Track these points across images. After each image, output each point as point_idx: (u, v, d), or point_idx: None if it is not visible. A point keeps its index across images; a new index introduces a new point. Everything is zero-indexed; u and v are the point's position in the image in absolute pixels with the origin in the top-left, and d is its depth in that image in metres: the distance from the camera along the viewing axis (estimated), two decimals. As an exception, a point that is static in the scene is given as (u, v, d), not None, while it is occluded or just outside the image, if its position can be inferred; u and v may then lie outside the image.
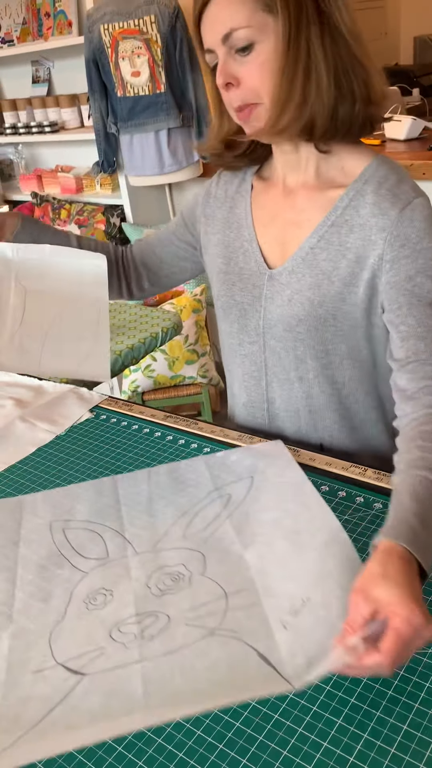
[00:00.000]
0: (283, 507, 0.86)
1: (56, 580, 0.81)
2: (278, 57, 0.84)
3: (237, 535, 0.83)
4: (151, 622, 0.72)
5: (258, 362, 1.06)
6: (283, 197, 0.99)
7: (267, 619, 0.70)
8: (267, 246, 1.01)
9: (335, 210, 0.93)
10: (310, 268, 0.95)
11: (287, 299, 0.97)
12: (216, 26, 0.84)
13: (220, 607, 0.73)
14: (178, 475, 0.97)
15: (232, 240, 1.04)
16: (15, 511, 0.95)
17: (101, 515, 0.91)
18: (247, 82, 0.86)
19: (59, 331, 1.04)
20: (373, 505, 0.88)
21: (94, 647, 0.71)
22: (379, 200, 0.90)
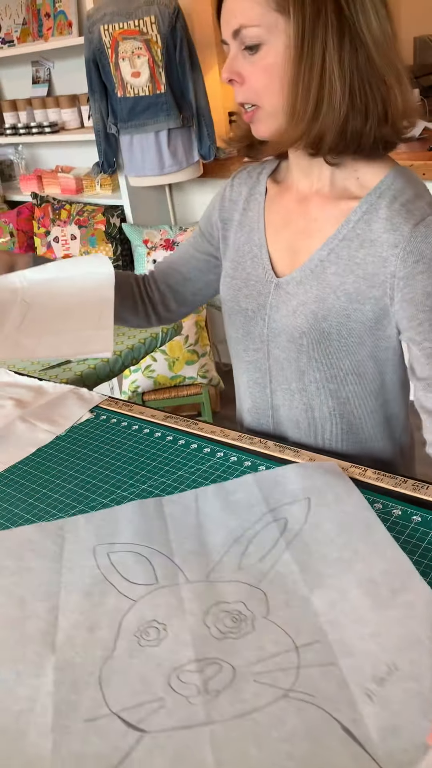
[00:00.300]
0: (351, 545, 0.78)
1: (102, 609, 0.75)
2: (287, 63, 0.81)
3: (300, 572, 0.76)
4: (215, 672, 0.65)
5: (262, 369, 1.04)
6: (297, 203, 0.97)
7: (346, 683, 0.62)
8: (277, 253, 0.98)
9: (347, 223, 0.90)
10: (318, 280, 0.92)
11: (292, 310, 0.95)
12: (229, 19, 0.82)
13: (291, 662, 0.66)
14: (227, 494, 0.91)
15: (242, 243, 1.02)
16: (56, 535, 0.90)
17: (148, 537, 0.85)
18: (250, 82, 0.84)
19: (58, 327, 1.00)
20: (373, 505, 0.88)
21: (153, 697, 0.64)
22: (392, 215, 0.86)
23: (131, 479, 1.02)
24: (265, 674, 0.65)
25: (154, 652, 0.68)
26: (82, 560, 0.84)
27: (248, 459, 1.02)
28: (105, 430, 1.16)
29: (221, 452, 1.05)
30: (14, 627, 0.75)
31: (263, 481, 0.92)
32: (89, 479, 1.03)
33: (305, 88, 0.80)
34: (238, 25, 0.81)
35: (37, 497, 1.00)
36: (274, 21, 0.79)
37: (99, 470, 1.05)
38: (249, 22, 0.80)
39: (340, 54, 0.79)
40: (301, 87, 0.80)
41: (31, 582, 0.81)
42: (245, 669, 0.65)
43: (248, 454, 1.03)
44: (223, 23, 0.84)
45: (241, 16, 0.80)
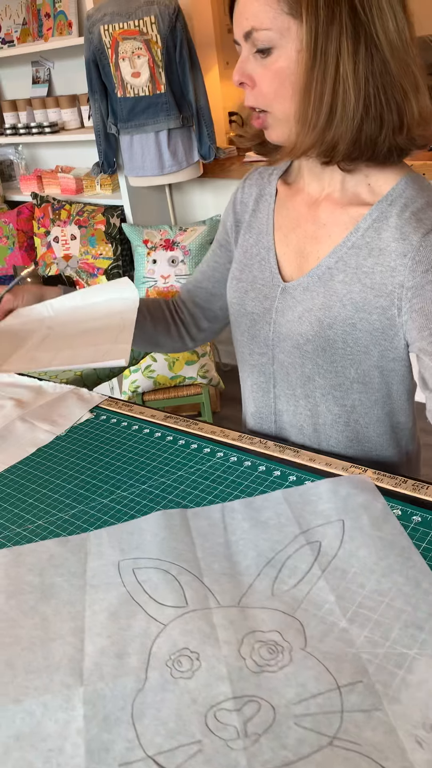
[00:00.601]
0: (390, 576, 0.75)
1: (130, 633, 0.72)
2: (298, 68, 0.78)
3: (337, 602, 0.73)
4: (254, 712, 0.62)
5: (267, 374, 1.03)
6: (307, 207, 0.95)
7: (394, 729, 0.59)
8: (285, 256, 0.97)
9: (356, 230, 0.89)
10: (325, 287, 0.91)
11: (297, 316, 0.93)
12: (241, 20, 0.80)
13: (334, 704, 0.62)
14: (256, 512, 0.88)
15: (251, 246, 1.01)
16: (79, 551, 0.86)
17: (174, 553, 0.82)
18: (260, 86, 0.82)
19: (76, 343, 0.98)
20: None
21: (190, 739, 0.60)
22: (403, 224, 0.85)
23: (131, 479, 1.02)
24: (307, 717, 0.61)
25: (188, 686, 0.65)
26: (106, 577, 0.81)
27: (248, 459, 1.02)
28: (105, 430, 1.16)
29: (221, 452, 1.05)
30: (38, 650, 0.72)
31: (293, 499, 0.90)
32: (89, 479, 1.03)
33: (318, 96, 0.78)
34: (249, 27, 0.78)
35: (37, 497, 1.00)
36: (286, 25, 0.76)
37: (99, 470, 1.05)
38: (260, 25, 0.77)
39: (354, 60, 0.76)
40: (314, 94, 0.78)
41: (54, 599, 0.79)
42: (286, 710, 0.62)
43: (248, 454, 1.03)
44: (236, 24, 0.81)
45: (252, 18, 0.78)
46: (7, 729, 0.64)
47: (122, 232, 2.95)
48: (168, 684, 0.65)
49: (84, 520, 0.94)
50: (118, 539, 0.88)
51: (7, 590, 0.81)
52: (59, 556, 0.86)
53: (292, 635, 0.70)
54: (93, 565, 0.83)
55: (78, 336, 0.96)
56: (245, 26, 0.79)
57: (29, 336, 0.99)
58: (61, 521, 0.95)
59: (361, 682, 0.64)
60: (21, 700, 0.66)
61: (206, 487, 0.97)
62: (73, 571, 0.83)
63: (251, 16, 0.78)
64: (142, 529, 0.89)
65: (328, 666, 0.66)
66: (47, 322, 1.00)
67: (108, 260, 2.95)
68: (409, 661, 0.66)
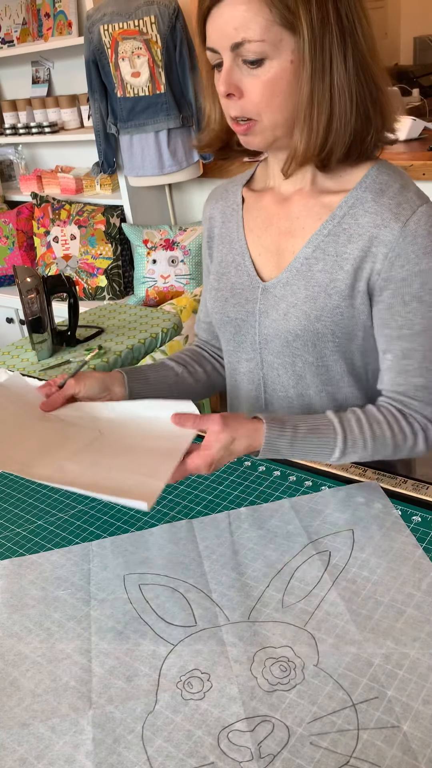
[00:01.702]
0: (402, 588, 0.75)
1: (138, 653, 0.71)
2: (292, 78, 0.79)
3: (350, 615, 0.72)
4: (267, 732, 0.61)
5: (256, 380, 1.02)
6: (278, 205, 0.95)
7: (410, 747, 0.59)
8: (260, 258, 0.96)
9: (332, 218, 0.89)
10: (306, 279, 0.90)
11: (282, 313, 0.93)
12: (227, 31, 0.77)
13: (349, 721, 0.62)
14: (263, 521, 0.88)
15: (224, 255, 1.01)
16: (82, 563, 0.85)
17: (182, 569, 0.82)
18: (250, 97, 0.80)
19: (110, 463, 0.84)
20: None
21: (202, 761, 0.60)
22: (381, 210, 0.85)
23: (131, 479, 1.02)
24: (322, 736, 0.61)
25: (199, 707, 0.64)
26: (111, 592, 0.80)
27: (248, 459, 1.02)
28: (105, 430, 1.16)
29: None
30: (45, 669, 0.71)
31: (301, 507, 0.89)
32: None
33: (319, 103, 0.79)
34: (240, 38, 0.76)
35: (37, 497, 1.00)
36: (279, 36, 0.76)
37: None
38: (253, 37, 0.75)
39: (345, 65, 0.78)
40: (316, 102, 0.79)
41: (58, 614, 0.78)
42: (300, 729, 0.61)
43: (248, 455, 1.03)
44: (216, 33, 0.79)
45: (243, 29, 0.76)
46: (13, 753, 0.63)
47: (122, 232, 2.95)
48: (179, 706, 0.65)
49: (84, 520, 0.94)
50: (122, 551, 0.86)
51: (9, 604, 0.80)
52: (62, 568, 0.85)
53: (304, 650, 0.69)
54: (97, 578, 0.82)
55: (121, 452, 0.85)
56: (234, 37, 0.77)
57: (77, 435, 0.89)
58: (61, 521, 0.95)
59: (377, 699, 0.63)
60: (28, 723, 0.65)
61: (206, 488, 0.97)
62: (77, 584, 0.82)
63: (241, 27, 0.76)
64: (147, 541, 0.87)
65: (342, 683, 0.65)
66: (101, 424, 0.90)
67: (108, 260, 2.95)
68: (420, 672, 0.65)
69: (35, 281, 1.74)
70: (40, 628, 0.76)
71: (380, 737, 0.60)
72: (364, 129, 0.83)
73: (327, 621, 0.72)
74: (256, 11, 0.75)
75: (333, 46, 0.77)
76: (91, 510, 0.96)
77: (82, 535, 0.91)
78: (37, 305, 1.77)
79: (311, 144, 0.82)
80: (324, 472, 0.97)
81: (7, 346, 2.03)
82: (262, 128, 0.83)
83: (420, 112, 3.26)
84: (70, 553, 0.87)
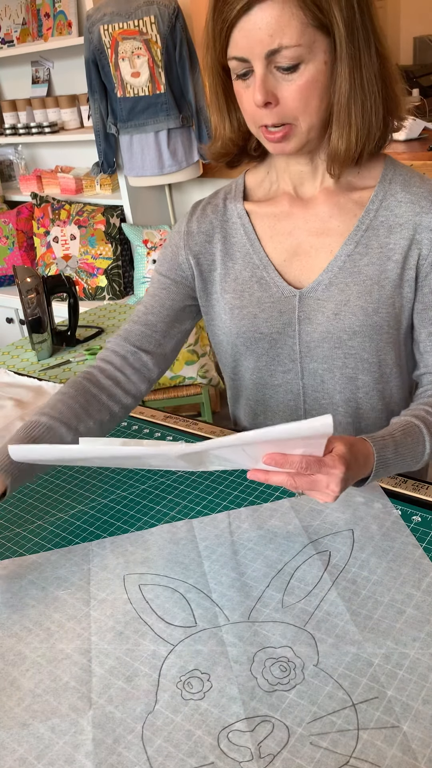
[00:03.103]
0: (402, 588, 0.75)
1: (138, 653, 0.71)
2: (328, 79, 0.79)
3: (350, 615, 0.72)
4: (267, 733, 0.61)
5: (295, 390, 0.99)
6: (300, 207, 0.93)
7: (410, 747, 0.59)
8: (286, 264, 0.94)
9: (367, 213, 0.89)
10: (353, 275, 0.90)
11: (333, 314, 0.91)
12: (262, 37, 0.75)
13: (349, 721, 0.62)
14: (262, 521, 0.88)
15: (240, 271, 0.96)
16: (82, 563, 0.85)
17: (181, 569, 0.82)
18: (287, 103, 0.79)
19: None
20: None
21: (202, 761, 0.59)
22: (416, 199, 0.88)
23: (131, 479, 1.02)
24: (322, 736, 0.60)
25: (199, 707, 0.64)
26: (111, 592, 0.80)
27: (248, 459, 1.02)
28: (105, 430, 1.16)
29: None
30: (45, 669, 0.71)
31: (301, 507, 0.89)
32: (89, 479, 1.03)
33: (356, 101, 0.80)
34: (276, 45, 0.74)
35: (37, 497, 1.00)
36: (313, 38, 0.75)
37: (99, 470, 1.05)
38: (290, 42, 0.74)
39: (371, 61, 0.79)
40: (353, 100, 0.80)
41: (58, 614, 0.78)
42: (300, 729, 0.61)
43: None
44: (246, 40, 0.76)
45: (279, 35, 0.74)
46: (13, 753, 0.63)
47: (122, 232, 2.95)
48: (179, 706, 0.65)
49: (84, 520, 0.94)
50: (122, 550, 0.86)
51: (9, 604, 0.80)
52: (62, 567, 0.85)
53: (304, 650, 0.69)
54: (97, 578, 0.82)
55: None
56: (269, 44, 0.75)
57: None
58: (61, 521, 0.95)
59: (377, 699, 0.63)
60: (28, 723, 0.65)
61: (206, 488, 0.97)
62: (77, 584, 0.82)
63: (276, 33, 0.74)
64: (147, 541, 0.87)
65: (342, 682, 0.65)
66: None
67: (107, 260, 2.95)
68: (420, 671, 0.65)
69: (35, 281, 1.74)
70: (40, 628, 0.76)
71: (380, 737, 0.60)
72: (389, 123, 0.86)
73: (327, 621, 0.72)
74: (291, 15, 0.73)
75: (361, 42, 0.77)
76: (91, 510, 0.96)
77: (82, 535, 0.91)
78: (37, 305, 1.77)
79: (353, 142, 0.82)
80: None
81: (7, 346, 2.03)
82: (299, 132, 0.82)
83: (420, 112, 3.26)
84: (70, 553, 0.87)
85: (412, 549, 0.80)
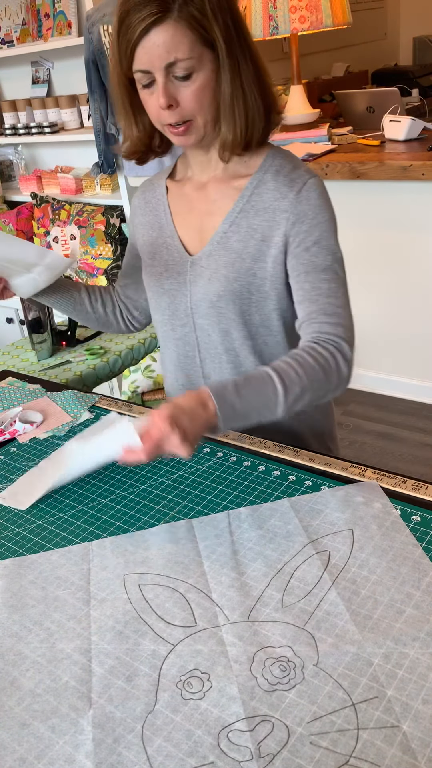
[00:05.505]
0: (402, 588, 0.75)
1: (138, 653, 0.71)
2: (216, 84, 0.96)
3: (350, 615, 0.72)
4: (267, 732, 0.61)
5: (191, 342, 1.16)
6: (197, 191, 1.12)
7: (409, 747, 0.59)
8: (187, 236, 1.13)
9: (242, 198, 1.06)
10: (225, 249, 1.07)
11: (208, 278, 1.08)
12: (160, 53, 0.92)
13: (349, 721, 0.62)
14: (262, 521, 0.88)
15: (155, 238, 1.16)
16: (82, 562, 0.85)
17: (181, 568, 0.82)
18: (185, 104, 0.97)
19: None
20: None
21: (202, 761, 0.59)
22: (279, 186, 1.04)
23: (131, 479, 1.02)
24: (322, 736, 0.60)
25: (199, 706, 0.64)
26: (111, 592, 0.80)
27: (248, 459, 1.02)
28: (105, 430, 1.16)
29: (221, 452, 1.05)
30: (45, 669, 0.71)
31: (301, 507, 0.90)
32: (89, 479, 1.03)
33: (237, 99, 0.98)
34: (173, 58, 0.92)
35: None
36: (201, 51, 0.94)
37: (98, 470, 1.05)
38: (183, 56, 0.92)
39: (247, 65, 0.97)
40: (235, 99, 0.97)
41: (58, 614, 0.78)
42: (299, 728, 0.61)
43: (248, 454, 1.03)
44: (147, 56, 0.93)
45: (174, 51, 0.92)
46: (13, 752, 0.63)
47: (122, 232, 2.95)
48: (179, 705, 0.65)
49: (84, 520, 0.94)
50: (122, 550, 0.87)
51: (9, 604, 0.80)
52: (62, 567, 0.85)
53: (304, 649, 0.69)
54: (97, 578, 0.82)
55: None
56: (167, 59, 0.93)
57: None
58: (61, 521, 0.95)
59: (377, 698, 0.63)
60: (28, 723, 0.65)
61: (206, 487, 0.97)
62: (77, 584, 0.82)
63: (172, 49, 0.92)
64: (147, 541, 0.88)
65: (341, 682, 0.65)
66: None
67: (107, 260, 2.95)
68: (426, 677, 0.65)
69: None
70: (40, 628, 0.76)
71: (380, 737, 0.60)
72: (268, 117, 1.03)
73: (327, 621, 0.72)
74: (183, 35, 0.91)
75: (238, 52, 0.96)
76: (91, 510, 0.96)
77: (82, 535, 0.91)
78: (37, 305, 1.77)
79: (237, 133, 1.00)
80: (324, 472, 0.97)
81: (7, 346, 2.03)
82: (196, 127, 1.00)
83: (419, 112, 3.26)
84: (70, 553, 0.87)
85: (412, 549, 0.80)
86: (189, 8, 0.91)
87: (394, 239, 2.58)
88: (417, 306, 2.62)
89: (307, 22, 2.61)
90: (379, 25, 4.76)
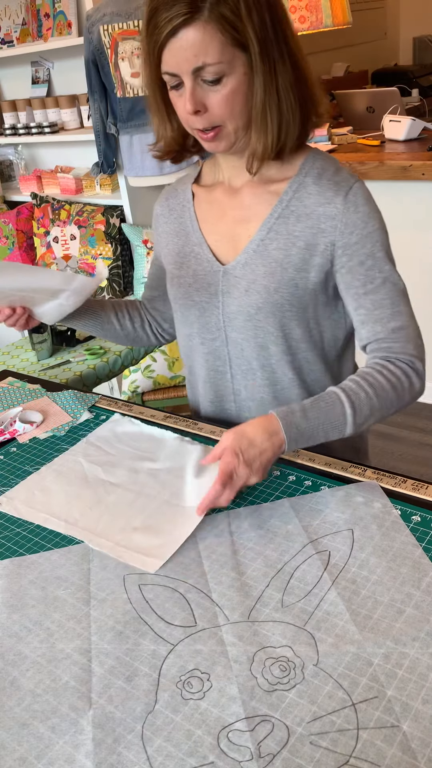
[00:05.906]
0: (402, 587, 0.75)
1: (138, 653, 0.71)
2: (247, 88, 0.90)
3: (350, 615, 0.72)
4: (267, 732, 0.61)
5: (222, 356, 1.10)
6: (230, 196, 1.06)
7: (409, 747, 0.59)
8: (217, 244, 1.07)
9: (280, 203, 1.00)
10: (263, 258, 1.01)
11: (244, 290, 1.02)
12: (188, 57, 0.86)
13: (348, 721, 0.62)
14: (262, 521, 0.88)
15: (182, 246, 1.10)
16: (82, 562, 0.85)
17: (181, 568, 0.82)
18: (214, 110, 0.91)
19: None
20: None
21: (202, 761, 0.60)
22: (323, 190, 0.98)
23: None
24: (322, 736, 0.60)
25: (199, 706, 0.64)
26: (111, 592, 0.79)
27: (248, 459, 1.02)
28: (105, 430, 1.16)
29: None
30: (45, 669, 0.71)
31: (301, 507, 0.89)
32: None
33: (270, 107, 0.91)
34: (200, 63, 0.86)
35: (36, 497, 1.00)
36: (232, 54, 0.87)
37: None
38: (212, 60, 0.86)
39: (284, 69, 0.90)
40: (267, 107, 0.91)
41: (58, 614, 0.78)
42: (299, 728, 0.61)
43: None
44: (175, 59, 0.87)
45: (203, 55, 0.86)
46: (13, 752, 0.63)
47: (122, 232, 2.95)
48: (179, 705, 0.65)
49: (84, 520, 0.94)
50: None
51: (9, 604, 0.80)
52: (62, 567, 0.85)
53: (303, 649, 0.69)
54: (97, 578, 0.82)
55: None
56: (194, 62, 0.86)
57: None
58: (60, 521, 0.95)
59: (377, 698, 0.63)
60: (28, 723, 0.65)
61: (206, 487, 0.97)
62: (77, 584, 0.82)
63: (201, 52, 0.86)
64: None
65: (341, 682, 0.65)
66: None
67: (108, 260, 2.95)
68: (426, 677, 0.65)
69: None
70: (40, 628, 0.76)
71: (380, 737, 0.60)
72: (305, 123, 0.96)
73: (327, 621, 0.72)
74: (212, 37, 0.85)
75: (274, 53, 0.89)
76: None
77: (82, 535, 0.91)
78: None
79: (268, 144, 0.94)
80: (324, 472, 0.97)
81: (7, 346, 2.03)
82: (227, 133, 0.94)
83: (419, 112, 3.26)
84: (70, 553, 0.87)
85: (412, 549, 0.80)
86: (221, 8, 0.83)
87: (394, 239, 2.58)
88: (417, 306, 2.61)
89: (307, 22, 2.61)
90: (379, 25, 4.76)
